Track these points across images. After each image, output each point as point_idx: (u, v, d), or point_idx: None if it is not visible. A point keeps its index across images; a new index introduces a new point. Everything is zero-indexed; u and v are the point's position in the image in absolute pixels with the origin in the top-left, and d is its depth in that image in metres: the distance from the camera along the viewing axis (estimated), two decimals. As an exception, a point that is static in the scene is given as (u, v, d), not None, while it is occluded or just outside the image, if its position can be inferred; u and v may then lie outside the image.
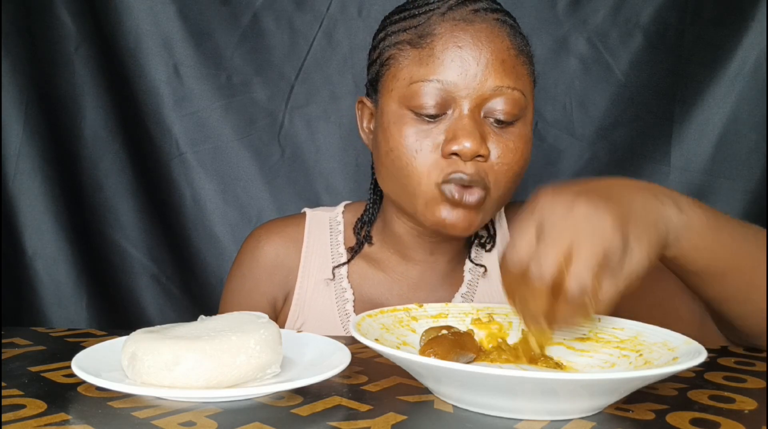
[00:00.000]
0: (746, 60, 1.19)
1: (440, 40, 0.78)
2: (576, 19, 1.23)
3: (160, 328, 0.57)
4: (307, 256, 0.93)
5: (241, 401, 0.53)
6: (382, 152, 0.82)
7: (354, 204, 0.99)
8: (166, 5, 1.22)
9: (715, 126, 1.22)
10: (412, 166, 0.78)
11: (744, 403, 0.55)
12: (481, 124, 0.77)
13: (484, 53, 0.77)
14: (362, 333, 0.57)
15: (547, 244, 0.54)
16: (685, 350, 0.55)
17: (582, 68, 1.24)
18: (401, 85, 0.79)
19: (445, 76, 0.77)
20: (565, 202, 0.55)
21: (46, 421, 0.49)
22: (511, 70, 0.78)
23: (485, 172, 0.77)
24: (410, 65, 0.79)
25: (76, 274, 1.26)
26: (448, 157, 0.77)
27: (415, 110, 0.78)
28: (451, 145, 0.76)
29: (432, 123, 0.78)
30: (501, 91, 0.77)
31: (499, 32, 0.79)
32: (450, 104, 0.78)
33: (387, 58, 0.82)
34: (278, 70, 1.26)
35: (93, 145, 1.25)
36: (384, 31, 0.85)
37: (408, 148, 0.78)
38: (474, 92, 0.77)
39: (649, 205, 0.60)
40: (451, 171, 0.77)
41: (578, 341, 0.64)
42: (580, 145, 1.25)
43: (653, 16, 1.21)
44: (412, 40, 0.80)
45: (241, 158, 1.27)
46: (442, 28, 0.78)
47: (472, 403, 0.52)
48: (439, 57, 0.77)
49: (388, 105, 0.81)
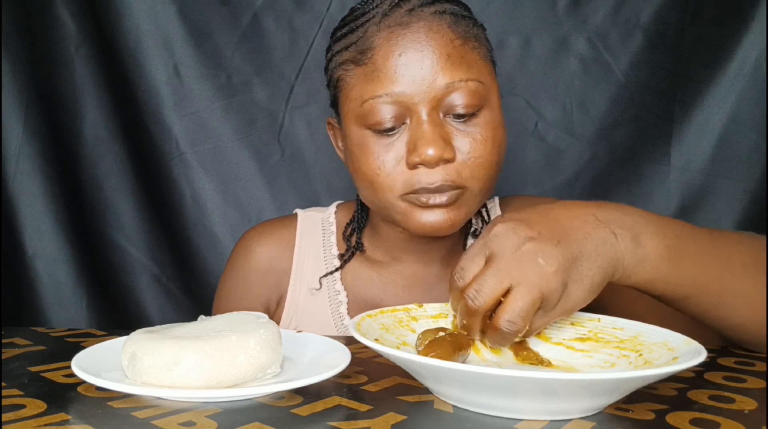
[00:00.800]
0: (746, 60, 1.19)
1: (380, 52, 0.76)
2: (576, 19, 1.23)
3: (160, 328, 0.58)
4: (300, 259, 0.92)
5: (241, 401, 0.53)
6: (351, 172, 0.82)
7: (347, 203, 0.98)
8: (166, 5, 1.22)
9: (715, 126, 1.21)
10: (377, 183, 0.77)
11: (744, 403, 0.55)
12: (441, 126, 0.76)
13: (426, 53, 0.75)
14: (362, 333, 0.57)
15: (490, 274, 0.57)
16: (685, 350, 0.55)
17: (582, 68, 1.24)
18: (355, 106, 0.78)
19: (393, 87, 0.75)
20: (517, 239, 0.57)
21: (46, 421, 0.49)
22: (459, 61, 0.76)
23: (457, 172, 0.76)
24: (358, 84, 0.77)
25: (76, 274, 1.26)
26: (414, 167, 0.76)
27: (372, 128, 0.77)
28: (414, 155, 0.75)
29: (392, 136, 0.77)
30: (453, 86, 0.75)
31: (438, 26, 0.76)
32: (406, 114, 0.76)
33: (337, 80, 0.81)
34: (278, 70, 1.26)
35: (93, 145, 1.25)
36: (330, 51, 0.83)
37: (371, 167, 0.77)
38: (426, 96, 0.75)
39: (601, 246, 0.59)
40: (414, 183, 0.76)
41: (578, 341, 0.64)
42: (580, 145, 1.25)
43: (653, 16, 1.21)
44: (355, 58, 0.78)
45: (241, 158, 1.27)
46: (379, 38, 0.76)
47: (472, 403, 0.52)
48: (382, 70, 0.76)
49: (349, 127, 0.80)
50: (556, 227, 0.59)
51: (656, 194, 1.24)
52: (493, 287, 0.56)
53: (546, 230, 0.58)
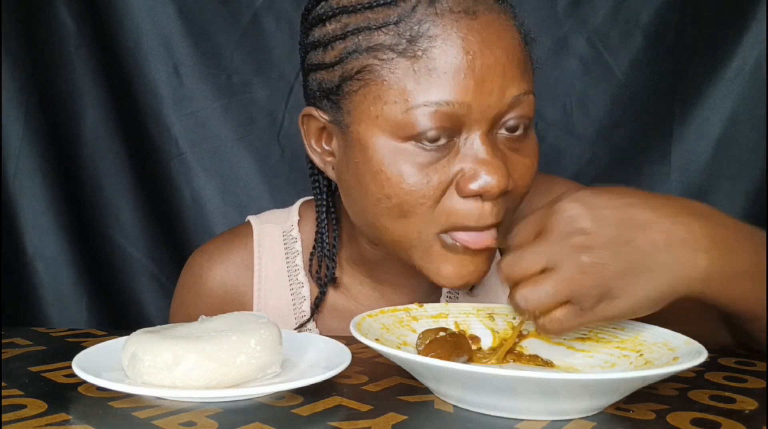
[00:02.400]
0: (746, 60, 1.19)
1: (441, 44, 0.60)
2: (576, 19, 1.23)
3: (161, 328, 0.57)
4: (262, 288, 0.80)
5: (241, 401, 0.53)
6: (371, 198, 0.64)
7: (312, 203, 0.82)
8: (166, 5, 1.22)
9: (715, 126, 1.22)
10: (416, 215, 0.63)
11: (744, 403, 0.55)
12: (498, 148, 0.63)
13: (499, 57, 0.60)
14: (363, 333, 0.57)
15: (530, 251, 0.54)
16: (686, 350, 0.55)
17: (582, 68, 1.24)
18: (393, 111, 0.61)
19: (456, 94, 0.60)
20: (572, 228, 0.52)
21: (47, 421, 0.48)
22: (526, 68, 0.63)
23: (506, 207, 0.64)
24: (401, 82, 0.60)
25: (76, 274, 1.26)
26: (467, 197, 0.62)
27: (418, 141, 0.61)
28: (473, 183, 0.61)
29: (437, 154, 0.62)
30: (519, 100, 0.62)
31: (506, 22, 0.63)
32: (461, 128, 0.62)
33: (358, 70, 0.62)
34: (278, 70, 1.25)
35: (93, 145, 1.25)
36: (336, 22, 0.64)
37: (413, 194, 0.62)
38: (491, 110, 0.61)
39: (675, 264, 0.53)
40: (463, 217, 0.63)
41: (578, 341, 0.64)
42: (580, 145, 1.25)
43: (653, 16, 1.21)
44: (398, 45, 0.60)
45: (240, 158, 1.27)
46: (438, 25, 0.60)
47: (472, 403, 0.52)
48: (444, 69, 0.59)
49: (373, 136, 0.63)
50: (624, 230, 0.52)
51: (656, 194, 1.24)
52: (529, 264, 0.53)
53: (608, 229, 0.52)
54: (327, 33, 0.65)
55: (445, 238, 0.64)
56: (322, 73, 0.66)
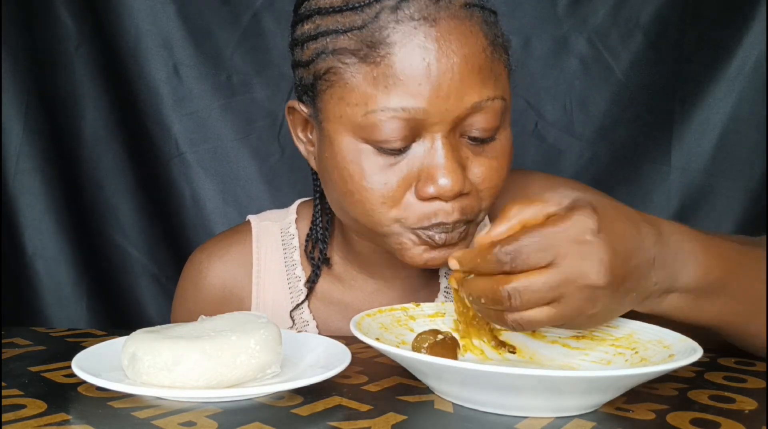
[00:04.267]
0: (746, 60, 1.19)
1: (399, 51, 0.61)
2: (576, 19, 1.23)
3: (160, 328, 0.57)
4: (260, 282, 0.81)
5: (241, 401, 0.53)
6: (338, 190, 0.67)
7: (310, 203, 0.85)
8: (166, 5, 1.22)
9: (715, 126, 1.22)
10: (380, 213, 0.65)
11: (744, 403, 0.55)
12: (458, 150, 0.64)
13: (456, 63, 0.61)
14: (363, 332, 0.57)
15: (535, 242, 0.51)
16: (681, 348, 0.56)
17: (582, 68, 1.24)
18: (354, 113, 0.63)
19: (411, 101, 0.61)
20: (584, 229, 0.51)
21: (47, 421, 0.48)
22: (489, 75, 0.63)
23: (471, 205, 0.66)
24: (361, 86, 0.62)
25: (76, 274, 1.26)
26: (425, 199, 0.64)
27: (376, 145, 0.64)
28: (428, 185, 0.63)
29: (399, 156, 0.64)
30: (479, 106, 0.63)
31: (470, 27, 0.62)
32: (419, 133, 0.63)
33: (325, 71, 0.65)
34: (278, 70, 1.25)
35: (93, 145, 1.25)
36: (311, 23, 0.66)
37: (373, 192, 0.64)
38: (449, 115, 0.62)
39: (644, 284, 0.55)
40: (431, 217, 0.65)
41: (573, 339, 0.64)
42: (580, 145, 1.25)
43: (653, 16, 1.21)
44: (359, 51, 0.62)
45: (240, 158, 1.27)
46: (397, 32, 0.61)
47: (473, 401, 0.52)
48: (399, 77, 0.61)
49: (338, 134, 0.65)
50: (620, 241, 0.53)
51: (656, 194, 1.24)
52: (530, 257, 0.51)
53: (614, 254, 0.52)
54: (304, 32, 0.67)
55: (419, 234, 0.66)
56: (301, 70, 0.69)
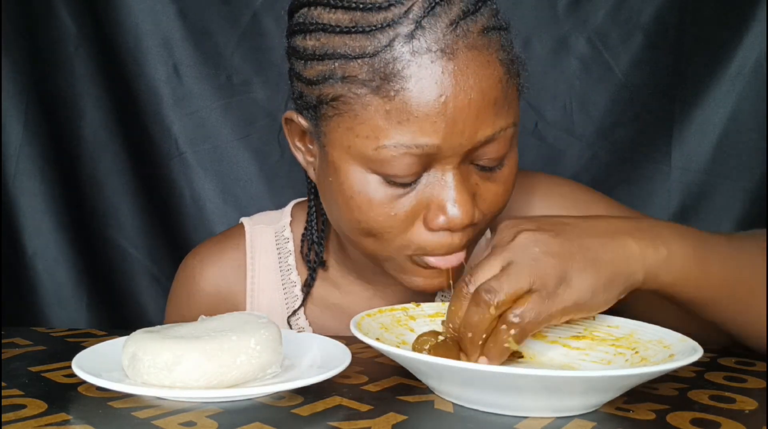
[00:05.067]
0: (746, 60, 1.19)
1: (414, 87, 0.58)
2: (576, 19, 1.23)
3: (161, 328, 0.58)
4: (255, 287, 0.80)
5: (241, 401, 0.53)
6: (343, 216, 0.66)
7: (305, 204, 0.84)
8: (166, 5, 1.21)
9: (715, 126, 1.21)
10: (386, 241, 0.64)
11: (744, 403, 0.55)
12: (468, 179, 0.63)
13: (474, 99, 0.59)
14: (363, 332, 0.57)
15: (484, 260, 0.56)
16: (681, 348, 0.56)
17: (582, 68, 1.24)
18: (364, 146, 0.61)
19: (426, 138, 0.59)
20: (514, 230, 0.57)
21: (47, 421, 0.48)
22: (504, 104, 0.61)
23: (474, 230, 0.66)
24: (373, 119, 0.60)
25: (76, 274, 1.26)
26: (433, 230, 0.64)
27: (386, 178, 0.62)
28: (438, 216, 0.62)
29: (407, 187, 0.63)
30: (493, 137, 0.61)
31: (488, 57, 0.60)
32: (430, 166, 0.62)
33: (333, 98, 0.61)
34: (278, 70, 1.25)
35: (93, 145, 1.25)
36: (314, 39, 0.62)
37: (380, 222, 0.63)
38: (462, 149, 0.61)
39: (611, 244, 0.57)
40: (433, 246, 0.64)
41: (574, 339, 0.64)
42: (580, 145, 1.25)
43: (653, 15, 1.21)
44: (371, 82, 0.59)
45: (240, 158, 1.27)
46: (413, 65, 0.58)
47: (474, 401, 0.52)
48: (415, 114, 0.58)
49: (345, 163, 0.63)
50: (558, 225, 0.57)
51: (656, 194, 1.24)
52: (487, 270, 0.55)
53: (547, 225, 0.57)
54: (306, 47, 0.64)
55: (418, 260, 0.66)
56: (302, 85, 0.66)
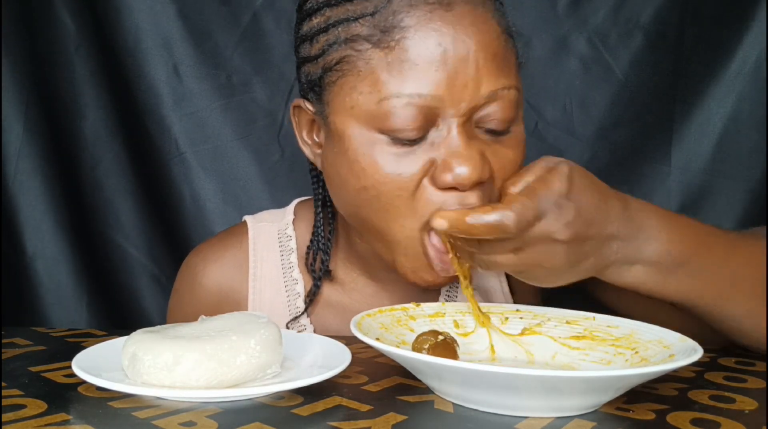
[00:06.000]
0: (746, 60, 1.19)
1: (414, 36, 0.60)
2: (576, 19, 1.23)
3: (161, 328, 0.58)
4: (257, 285, 0.80)
5: (241, 401, 0.53)
6: (351, 187, 0.65)
7: (308, 203, 0.85)
8: (166, 5, 1.21)
9: (715, 126, 1.21)
10: (396, 207, 0.63)
11: (744, 403, 0.55)
12: (475, 138, 0.63)
13: (472, 50, 0.60)
14: (363, 332, 0.57)
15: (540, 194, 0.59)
16: (681, 348, 0.56)
17: (582, 68, 1.24)
18: (367, 102, 0.61)
19: (427, 87, 0.60)
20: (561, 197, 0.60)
21: (47, 421, 0.48)
22: (504, 63, 0.62)
23: (487, 194, 0.64)
24: (375, 72, 0.61)
25: (76, 274, 1.26)
26: (443, 189, 0.62)
27: (390, 134, 0.62)
28: (445, 174, 0.61)
29: (413, 145, 0.62)
30: (495, 95, 0.62)
31: (484, 14, 0.62)
32: (435, 121, 0.62)
33: (337, 61, 0.63)
34: (278, 70, 1.25)
35: (93, 145, 1.25)
36: (320, 16, 0.65)
37: (388, 184, 0.62)
38: (465, 103, 0.61)
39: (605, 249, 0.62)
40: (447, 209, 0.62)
41: (573, 339, 0.64)
42: (580, 145, 1.25)
43: (653, 16, 1.21)
44: (372, 36, 0.61)
45: (240, 158, 1.27)
46: (411, 16, 0.60)
47: (474, 401, 0.52)
48: (416, 62, 0.60)
49: (349, 127, 0.63)
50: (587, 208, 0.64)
51: (656, 194, 1.24)
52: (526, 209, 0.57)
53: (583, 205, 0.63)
54: (312, 27, 0.66)
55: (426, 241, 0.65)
56: (308, 65, 0.67)
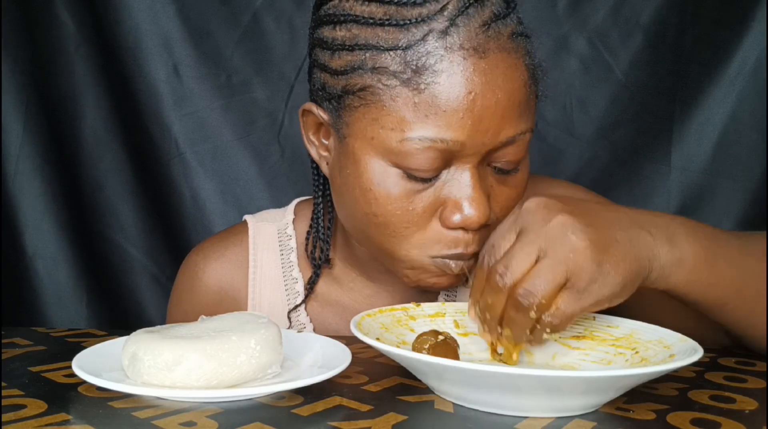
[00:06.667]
0: (746, 60, 1.19)
1: (445, 81, 0.59)
2: (576, 19, 1.23)
3: (161, 328, 0.57)
4: (256, 283, 0.80)
5: (241, 401, 0.53)
6: (359, 210, 0.66)
7: (308, 203, 0.85)
8: (166, 5, 1.22)
9: (715, 126, 1.22)
10: (402, 237, 0.65)
11: (744, 403, 0.55)
12: (485, 180, 0.64)
13: (500, 100, 0.60)
14: (363, 332, 0.57)
15: (518, 248, 0.53)
16: (681, 348, 0.56)
17: (582, 68, 1.24)
18: (389, 138, 0.61)
19: (451, 133, 0.60)
20: (549, 213, 0.54)
21: (47, 421, 0.48)
22: (526, 108, 0.63)
23: (485, 231, 0.64)
24: (400, 111, 0.60)
25: (76, 274, 1.26)
26: (448, 228, 0.64)
27: (407, 171, 0.62)
28: (454, 214, 0.63)
29: (427, 182, 0.63)
30: (514, 139, 0.62)
31: (515, 61, 0.62)
32: (451, 163, 0.63)
33: (361, 88, 0.62)
34: (278, 70, 1.25)
35: (93, 145, 1.25)
36: (345, 30, 0.63)
37: (398, 217, 0.63)
38: (484, 147, 0.61)
39: (636, 239, 0.55)
40: (450, 249, 0.65)
41: (573, 339, 0.64)
42: (580, 145, 1.25)
43: (653, 16, 1.21)
44: (402, 74, 0.60)
45: (240, 158, 1.27)
46: (445, 60, 0.59)
47: (474, 401, 0.52)
48: (443, 108, 0.59)
49: (366, 154, 0.63)
50: (590, 213, 0.55)
51: (656, 194, 1.24)
52: (522, 261, 0.52)
53: (579, 211, 0.54)
54: (336, 38, 0.64)
55: (437, 263, 0.66)
56: (327, 76, 0.66)
